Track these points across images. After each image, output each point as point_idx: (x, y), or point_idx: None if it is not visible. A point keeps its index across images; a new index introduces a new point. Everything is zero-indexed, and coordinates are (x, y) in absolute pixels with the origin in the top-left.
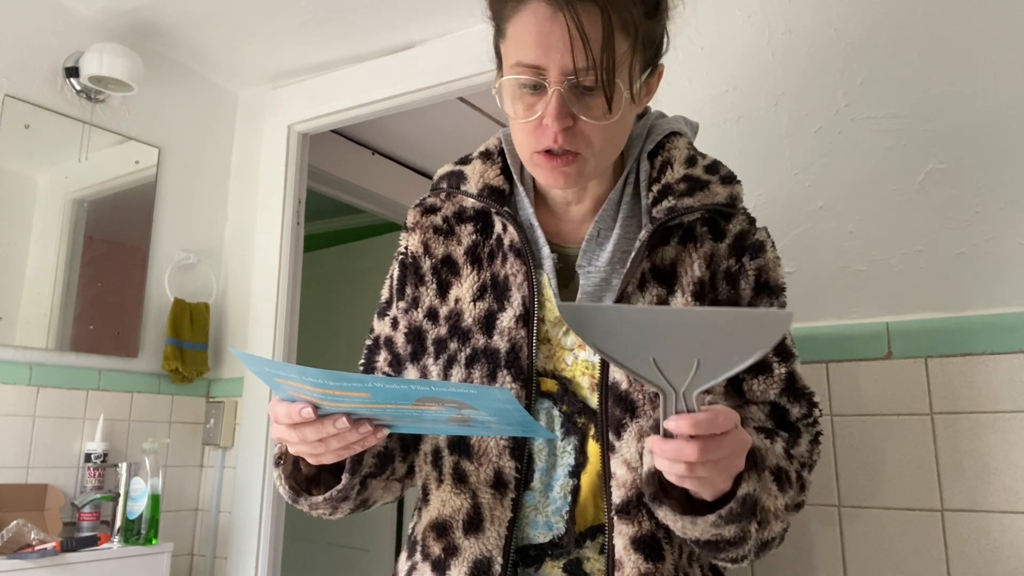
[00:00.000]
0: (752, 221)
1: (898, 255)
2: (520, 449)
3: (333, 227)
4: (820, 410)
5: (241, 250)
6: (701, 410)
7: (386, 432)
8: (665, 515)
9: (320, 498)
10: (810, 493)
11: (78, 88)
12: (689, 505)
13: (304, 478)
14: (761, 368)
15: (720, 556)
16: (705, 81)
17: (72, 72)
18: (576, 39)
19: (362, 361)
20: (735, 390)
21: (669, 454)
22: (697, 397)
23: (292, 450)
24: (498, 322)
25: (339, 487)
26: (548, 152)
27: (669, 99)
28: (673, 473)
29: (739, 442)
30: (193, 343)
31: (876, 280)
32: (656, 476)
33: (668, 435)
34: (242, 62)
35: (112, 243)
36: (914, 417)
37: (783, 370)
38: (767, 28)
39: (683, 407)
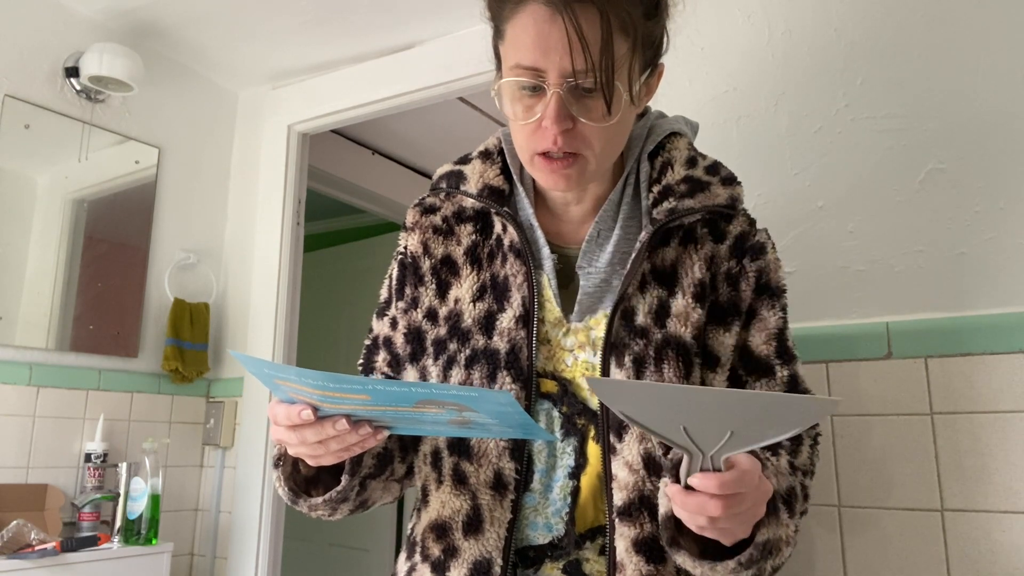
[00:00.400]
0: (752, 223)
1: (898, 255)
2: (520, 450)
3: (333, 227)
4: None
5: (241, 250)
6: (725, 464)
7: (386, 434)
8: (684, 561)
9: (319, 499)
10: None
11: (78, 88)
12: (706, 546)
13: (303, 479)
14: (764, 371)
15: None
16: (705, 81)
17: (72, 72)
18: (575, 42)
19: (361, 361)
20: None
21: (692, 508)
22: (723, 460)
23: (291, 451)
24: (498, 323)
25: (338, 488)
26: (548, 155)
27: (669, 99)
28: (694, 524)
29: (761, 493)
30: (193, 343)
31: (876, 280)
32: (673, 519)
33: (690, 487)
34: (242, 62)
35: (112, 243)
36: (914, 417)
37: (785, 373)
38: (767, 28)
39: (708, 466)
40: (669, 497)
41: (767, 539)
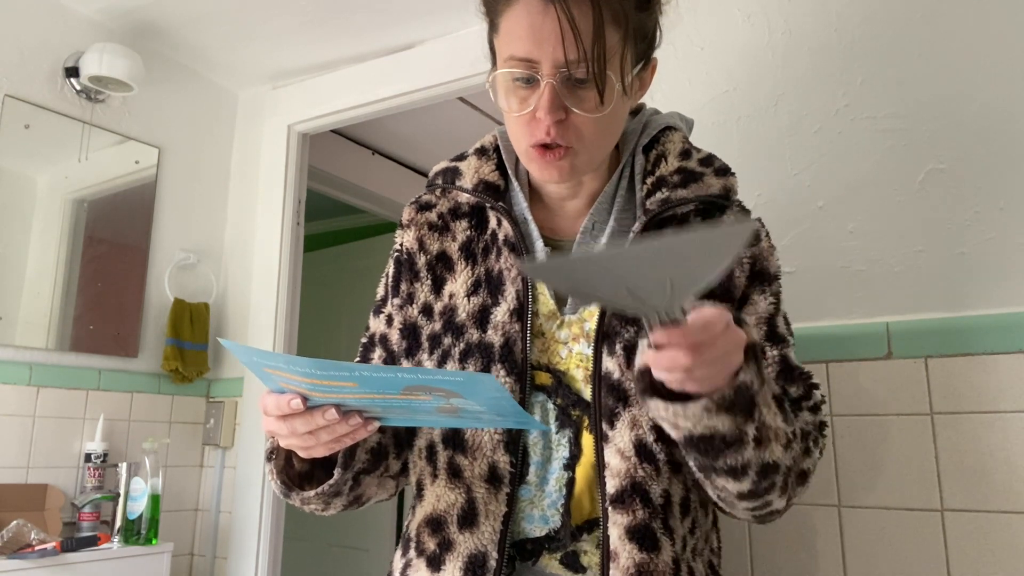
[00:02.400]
0: (746, 212)
1: (898, 255)
2: (515, 443)
3: (333, 227)
4: (822, 395)
5: (241, 250)
6: (688, 316)
7: (376, 424)
8: (656, 407)
9: (312, 493)
10: (811, 488)
11: (78, 88)
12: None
13: (297, 475)
14: None
15: (718, 464)
16: (705, 81)
17: (72, 72)
18: (567, 32)
19: (357, 359)
20: None
21: (664, 364)
22: (680, 310)
23: (283, 443)
24: (492, 316)
25: (331, 482)
26: (542, 146)
27: (668, 99)
28: (673, 380)
29: (733, 340)
30: (193, 343)
31: (876, 280)
32: (646, 373)
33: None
34: (242, 62)
35: (112, 243)
36: (914, 417)
37: (775, 353)
38: (767, 28)
39: (667, 320)
40: (646, 363)
41: (742, 381)
